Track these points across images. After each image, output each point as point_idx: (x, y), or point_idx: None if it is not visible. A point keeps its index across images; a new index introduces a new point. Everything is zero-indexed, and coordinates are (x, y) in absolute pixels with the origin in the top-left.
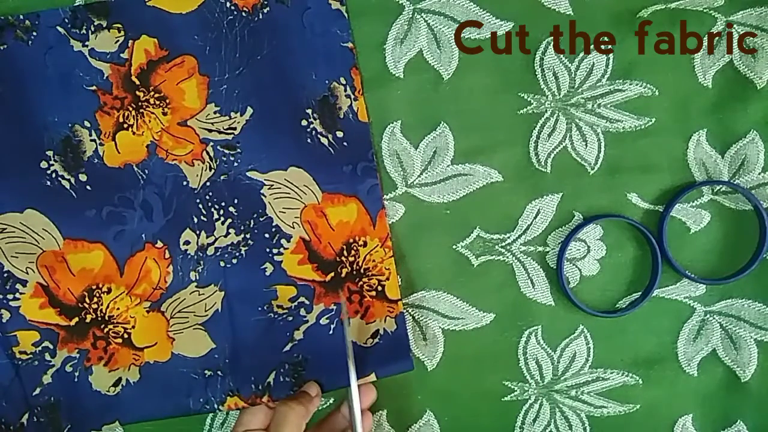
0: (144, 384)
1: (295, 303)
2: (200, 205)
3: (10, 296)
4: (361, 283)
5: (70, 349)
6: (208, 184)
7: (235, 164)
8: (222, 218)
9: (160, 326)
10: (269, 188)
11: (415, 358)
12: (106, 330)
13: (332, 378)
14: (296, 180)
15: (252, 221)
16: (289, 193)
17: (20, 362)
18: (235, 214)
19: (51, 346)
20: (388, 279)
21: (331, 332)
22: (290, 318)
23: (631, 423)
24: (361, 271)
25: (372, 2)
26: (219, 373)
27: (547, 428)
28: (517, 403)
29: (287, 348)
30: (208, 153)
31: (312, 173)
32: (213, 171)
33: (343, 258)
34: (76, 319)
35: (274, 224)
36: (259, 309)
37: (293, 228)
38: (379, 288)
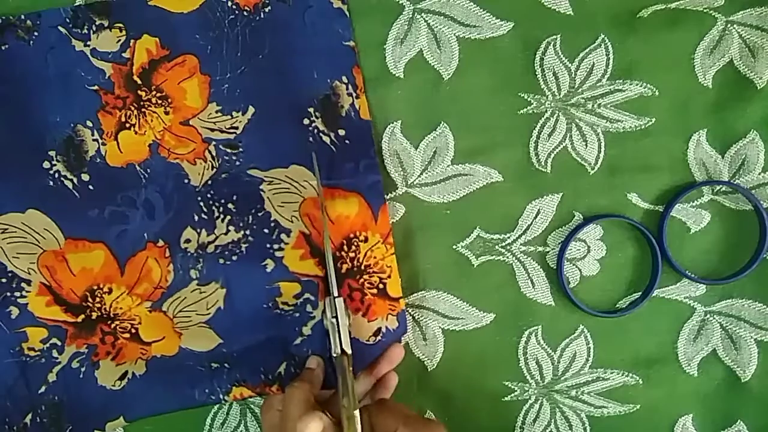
0: (149, 377)
1: (301, 300)
2: (201, 203)
3: (17, 293)
4: (362, 280)
5: (78, 345)
6: (209, 182)
7: (237, 163)
8: (222, 215)
9: (166, 323)
10: (268, 184)
11: (415, 358)
12: (113, 326)
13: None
14: (297, 176)
15: (250, 216)
16: (288, 188)
17: (27, 359)
18: (234, 210)
19: (59, 343)
20: (389, 276)
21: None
22: (297, 314)
23: (631, 423)
24: (362, 267)
25: (372, 2)
26: (226, 365)
27: (547, 428)
28: (517, 403)
29: (297, 342)
30: (210, 152)
31: (314, 171)
32: (215, 170)
33: (344, 253)
34: (83, 316)
35: (272, 219)
36: (264, 306)
37: (292, 222)
38: (381, 286)
